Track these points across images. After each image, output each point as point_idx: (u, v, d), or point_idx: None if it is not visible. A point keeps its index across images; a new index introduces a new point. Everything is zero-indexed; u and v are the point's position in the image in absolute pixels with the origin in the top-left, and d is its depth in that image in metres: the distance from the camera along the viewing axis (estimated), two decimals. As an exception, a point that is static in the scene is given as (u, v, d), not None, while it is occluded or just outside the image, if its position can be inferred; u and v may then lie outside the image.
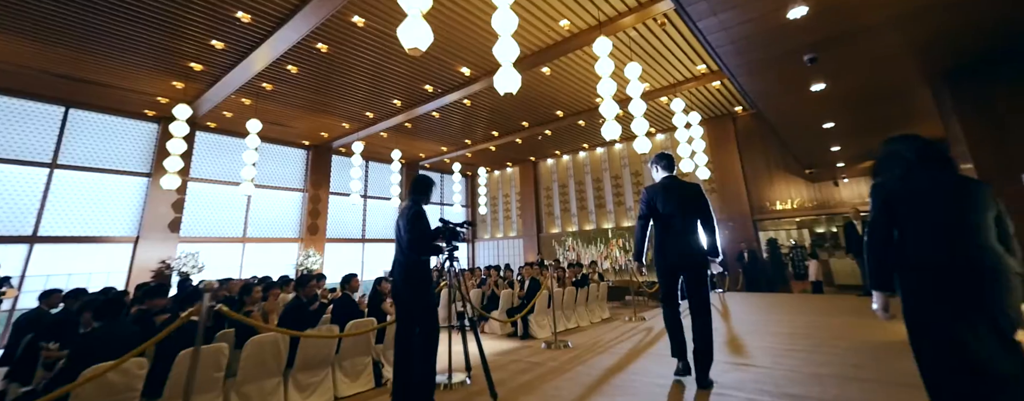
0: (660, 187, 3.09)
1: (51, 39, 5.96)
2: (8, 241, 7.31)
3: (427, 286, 2.73)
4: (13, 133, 7.55)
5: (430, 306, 2.73)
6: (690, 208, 3.00)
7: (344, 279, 4.06)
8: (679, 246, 2.95)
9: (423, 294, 2.69)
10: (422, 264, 2.74)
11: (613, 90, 5.61)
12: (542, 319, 6.47)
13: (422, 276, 2.72)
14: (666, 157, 3.19)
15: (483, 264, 15.74)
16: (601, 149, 13.10)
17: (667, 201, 2.99)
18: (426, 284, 2.73)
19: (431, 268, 2.85)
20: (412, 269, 2.70)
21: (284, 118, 9.45)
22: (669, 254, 2.97)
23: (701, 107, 9.87)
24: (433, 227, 2.76)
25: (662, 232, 3.03)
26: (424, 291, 2.70)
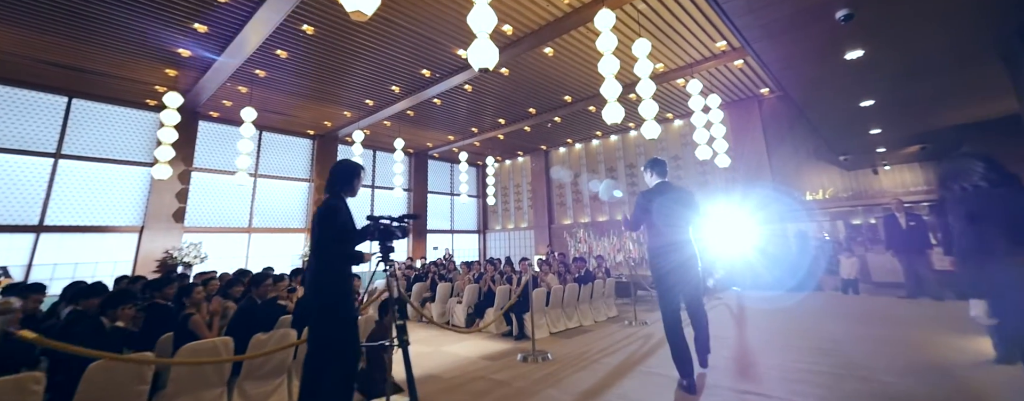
0: (655, 192, 3.13)
1: (45, 27, 5.85)
2: (14, 230, 7.42)
3: (343, 302, 2.17)
4: (17, 123, 7.61)
5: (346, 328, 2.18)
6: (685, 213, 3.06)
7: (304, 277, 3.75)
8: (675, 251, 2.99)
9: (336, 312, 2.14)
10: (336, 274, 2.20)
11: (615, 68, 5.04)
12: (538, 318, 6.05)
13: (336, 289, 2.17)
14: (659, 163, 3.26)
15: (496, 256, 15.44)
16: (615, 137, 12.42)
17: (662, 206, 3.04)
18: (341, 299, 2.17)
19: (351, 278, 2.35)
20: (323, 281, 2.17)
21: (285, 107, 9.26)
22: (666, 259, 3.00)
23: (722, 89, 9.07)
24: (363, 225, 2.33)
25: (657, 237, 3.07)
26: (339, 308, 2.15)
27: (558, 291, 6.37)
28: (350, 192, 2.48)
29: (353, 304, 2.18)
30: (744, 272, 8.65)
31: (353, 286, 2.25)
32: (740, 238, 9.31)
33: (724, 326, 4.68)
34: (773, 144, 9.43)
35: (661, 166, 3.23)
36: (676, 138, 11.18)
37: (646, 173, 3.31)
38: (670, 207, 3.08)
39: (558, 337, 5.93)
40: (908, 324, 4.32)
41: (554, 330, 6.22)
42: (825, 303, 6.34)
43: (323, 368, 2.09)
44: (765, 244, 8.86)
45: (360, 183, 2.55)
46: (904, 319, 4.54)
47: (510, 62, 7.42)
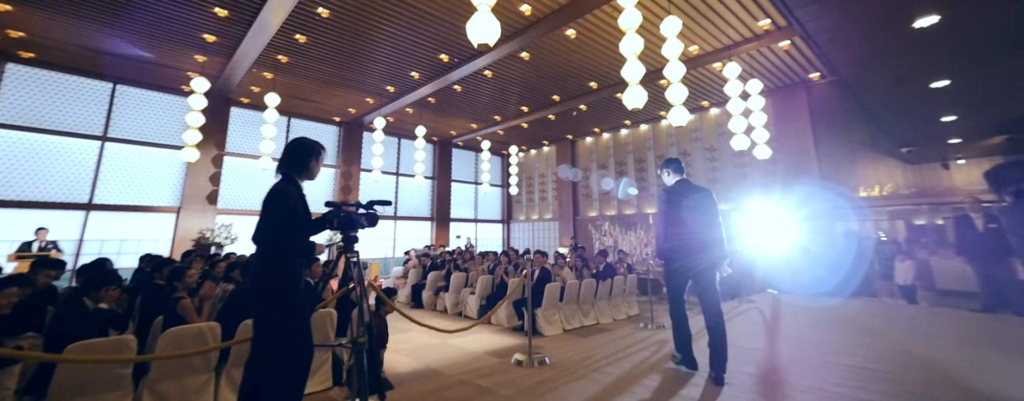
0: (674, 190, 3.18)
1: (89, 15, 6.11)
2: (68, 207, 7.97)
3: (287, 298, 1.90)
4: (68, 108, 8.12)
5: (292, 329, 1.91)
6: (702, 212, 3.07)
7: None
8: (690, 249, 3.03)
9: (280, 309, 1.89)
10: (279, 267, 1.91)
11: (638, 48, 4.60)
12: (551, 314, 5.80)
13: (279, 284, 1.89)
14: (675, 162, 3.30)
15: (520, 248, 15.25)
16: (645, 126, 11.78)
17: (681, 205, 3.08)
18: (285, 295, 1.89)
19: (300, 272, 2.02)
20: (265, 273, 1.90)
21: (310, 93, 9.37)
22: (680, 257, 3.05)
23: (764, 74, 8.28)
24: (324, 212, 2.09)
25: (674, 235, 3.10)
26: (282, 305, 1.89)
27: (573, 286, 6.08)
28: (305, 174, 2.23)
29: (300, 301, 1.95)
30: (783, 273, 7.97)
31: (302, 280, 2.01)
32: (780, 236, 8.58)
33: (753, 335, 4.23)
34: (822, 134, 8.56)
35: (678, 164, 3.27)
36: (711, 127, 10.43)
37: (663, 173, 3.38)
38: (689, 204, 3.11)
39: (572, 335, 5.66)
40: (982, 343, 3.67)
41: (568, 327, 5.96)
42: (877, 312, 5.67)
43: (265, 373, 1.85)
44: (809, 243, 8.10)
45: (320, 164, 2.31)
46: (977, 337, 3.88)
47: (530, 46, 7.07)
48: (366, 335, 2.03)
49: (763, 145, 7.13)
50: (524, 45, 6.97)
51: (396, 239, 12.74)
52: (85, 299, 2.54)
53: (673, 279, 3.09)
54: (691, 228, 3.01)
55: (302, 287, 1.93)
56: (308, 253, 1.95)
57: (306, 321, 1.97)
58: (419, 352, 4.79)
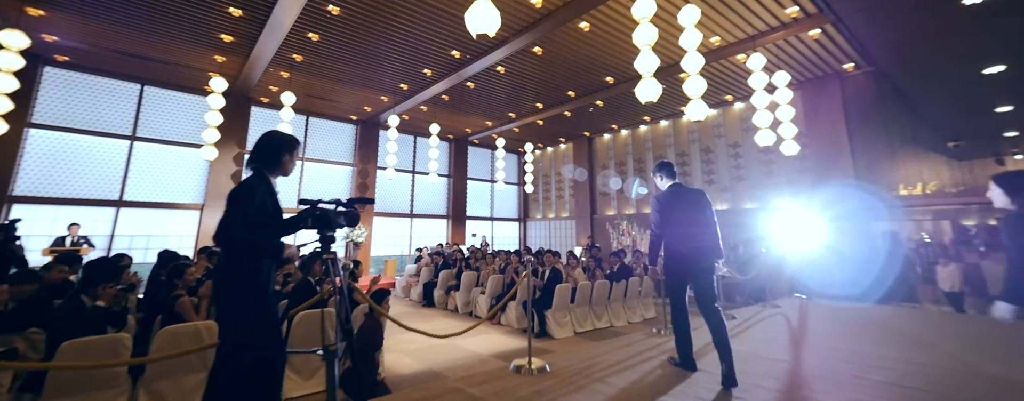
0: (668, 195, 3.19)
1: (116, 18, 6.31)
2: (99, 204, 8.32)
3: (254, 303, 1.77)
4: (99, 108, 8.46)
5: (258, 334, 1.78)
6: (697, 214, 3.09)
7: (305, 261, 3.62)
8: (688, 252, 3.04)
9: (246, 315, 1.75)
10: (245, 269, 1.79)
11: (652, 38, 4.36)
12: (562, 316, 5.64)
13: (244, 288, 1.77)
14: (667, 165, 3.31)
15: (534, 247, 15.09)
16: (665, 122, 11.38)
17: (676, 209, 3.12)
18: (251, 300, 1.77)
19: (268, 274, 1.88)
20: (229, 276, 1.80)
21: (326, 92, 9.47)
22: (678, 260, 3.08)
23: (792, 65, 7.81)
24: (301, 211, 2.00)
25: (671, 239, 3.13)
26: (248, 311, 1.75)
27: (585, 287, 5.89)
28: (278, 169, 2.09)
29: (269, 306, 1.82)
30: (813, 276, 7.51)
31: (270, 284, 1.86)
32: (810, 237, 8.10)
33: (777, 344, 3.94)
34: (856, 129, 8.01)
35: (670, 168, 3.30)
36: (735, 123, 9.97)
37: (656, 177, 3.35)
38: (684, 207, 3.13)
39: (583, 338, 5.48)
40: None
41: (580, 329, 5.78)
42: (918, 320, 5.23)
43: (232, 386, 1.71)
44: (841, 245, 7.61)
45: (293, 159, 2.15)
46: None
47: (543, 40, 6.88)
48: (346, 340, 1.92)
49: (790, 141, 6.71)
50: (536, 39, 6.79)
51: (412, 237, 12.80)
52: (83, 297, 2.55)
53: (673, 283, 3.13)
54: (688, 231, 3.05)
55: (270, 291, 1.82)
56: (276, 254, 1.84)
57: (276, 327, 1.84)
58: (424, 353, 4.72)
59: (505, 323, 6.14)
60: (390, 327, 5.96)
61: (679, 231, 3.07)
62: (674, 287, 3.13)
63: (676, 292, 3.11)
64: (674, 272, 3.11)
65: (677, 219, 3.09)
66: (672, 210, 3.11)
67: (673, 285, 3.13)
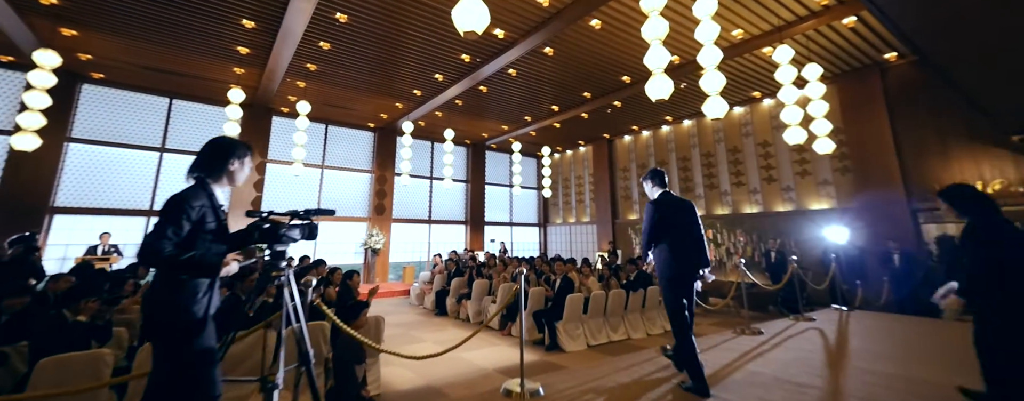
0: (662, 202, 3.19)
1: (141, 35, 6.58)
2: (131, 214, 8.70)
3: (184, 329, 1.58)
4: (131, 121, 8.88)
5: (189, 364, 1.59)
6: (688, 222, 3.15)
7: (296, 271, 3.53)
8: (687, 259, 3.07)
9: (176, 342, 1.58)
10: (174, 291, 1.59)
11: (662, 32, 4.06)
12: (574, 328, 5.36)
13: (174, 310, 1.57)
14: (658, 173, 3.32)
15: (556, 252, 14.78)
16: (688, 122, 10.88)
17: (671, 215, 3.13)
18: (182, 325, 1.58)
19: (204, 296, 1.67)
20: (158, 299, 1.60)
21: (342, 100, 9.59)
22: (681, 266, 3.06)
23: (825, 57, 7.26)
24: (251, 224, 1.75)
25: (671, 246, 3.09)
26: (178, 338, 1.58)
27: (599, 297, 5.58)
28: (224, 178, 1.85)
29: (204, 333, 1.63)
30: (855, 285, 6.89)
31: (207, 307, 1.67)
32: (849, 241, 7.46)
33: (808, 365, 3.51)
34: (902, 123, 7.34)
35: (661, 176, 3.29)
36: (764, 120, 9.38)
37: (647, 184, 3.34)
38: (678, 214, 3.14)
39: (597, 352, 5.18)
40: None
41: (594, 342, 5.48)
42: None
43: None
44: (887, 250, 6.95)
45: (242, 167, 1.91)
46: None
47: (553, 40, 6.67)
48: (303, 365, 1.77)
49: (825, 138, 6.18)
50: (547, 39, 6.59)
51: (430, 243, 12.77)
52: (65, 312, 2.53)
53: (674, 293, 3.05)
54: (682, 240, 3.08)
55: (205, 315, 1.67)
56: (211, 271, 1.61)
57: (210, 358, 1.64)
58: (426, 366, 4.55)
59: (516, 334, 5.90)
60: (395, 337, 5.87)
61: (675, 240, 3.07)
62: (675, 299, 3.03)
63: (678, 305, 3.02)
64: (676, 282, 3.03)
65: (673, 228, 3.09)
66: (668, 218, 3.11)
67: (675, 297, 3.03)
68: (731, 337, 4.41)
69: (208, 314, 1.67)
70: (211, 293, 1.67)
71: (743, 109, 9.75)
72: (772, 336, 4.48)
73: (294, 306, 1.79)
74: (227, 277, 1.79)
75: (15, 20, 6.01)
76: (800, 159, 8.78)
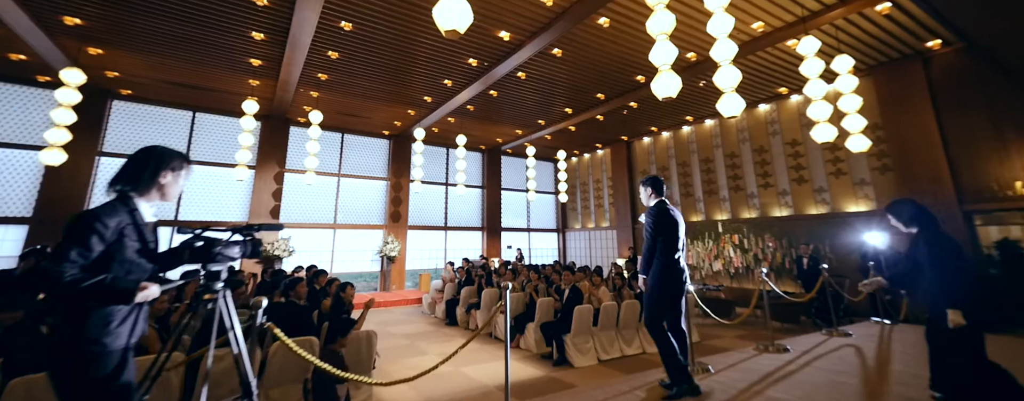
0: (662, 210, 3.15)
1: (150, 49, 6.82)
2: (159, 225, 8.99)
3: (92, 364, 1.41)
4: (158, 135, 9.23)
5: (93, 396, 1.42)
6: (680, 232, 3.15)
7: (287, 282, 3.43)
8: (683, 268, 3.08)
9: (86, 373, 1.41)
10: (81, 313, 1.41)
11: (669, 26, 3.79)
12: (583, 341, 5.07)
13: (82, 341, 1.40)
14: (656, 180, 3.28)
15: (575, 258, 14.44)
16: (710, 121, 10.38)
17: (671, 223, 3.10)
18: (90, 361, 1.41)
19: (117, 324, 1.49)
20: (63, 321, 1.42)
21: (355, 108, 9.67)
22: (679, 276, 3.04)
23: (858, 49, 6.72)
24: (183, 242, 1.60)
25: (670, 254, 3.04)
26: (87, 375, 1.41)
27: (610, 309, 5.28)
28: (148, 191, 1.66)
29: (119, 367, 1.47)
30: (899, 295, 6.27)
31: (122, 336, 1.50)
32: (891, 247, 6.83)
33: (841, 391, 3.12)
34: (949, 117, 6.69)
35: (658, 184, 3.26)
36: (793, 117, 8.81)
37: (644, 190, 3.29)
38: (676, 223, 3.12)
39: (608, 367, 4.87)
40: None
41: (605, 356, 5.17)
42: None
43: None
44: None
45: (176, 180, 1.74)
46: None
47: (561, 40, 6.45)
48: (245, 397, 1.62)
49: (859, 135, 5.66)
50: (554, 40, 6.38)
51: (447, 250, 12.70)
52: (42, 327, 2.50)
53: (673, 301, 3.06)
54: (680, 247, 3.09)
55: (124, 347, 1.50)
56: (124, 297, 1.40)
57: (125, 396, 1.47)
58: (426, 382, 4.37)
59: (524, 347, 5.67)
60: (400, 349, 5.74)
61: (677, 247, 3.06)
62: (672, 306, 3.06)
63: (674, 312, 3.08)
64: (675, 290, 3.03)
65: (674, 236, 3.07)
66: (669, 225, 3.08)
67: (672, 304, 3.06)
68: (753, 354, 4.02)
69: (129, 345, 1.53)
70: (131, 321, 1.53)
71: (769, 107, 9.21)
72: (801, 354, 4.05)
73: (234, 333, 1.64)
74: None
75: (45, 41, 6.31)
76: (833, 158, 8.17)
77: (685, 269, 3.11)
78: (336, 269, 10.86)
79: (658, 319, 2.99)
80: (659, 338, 2.97)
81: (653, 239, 3.06)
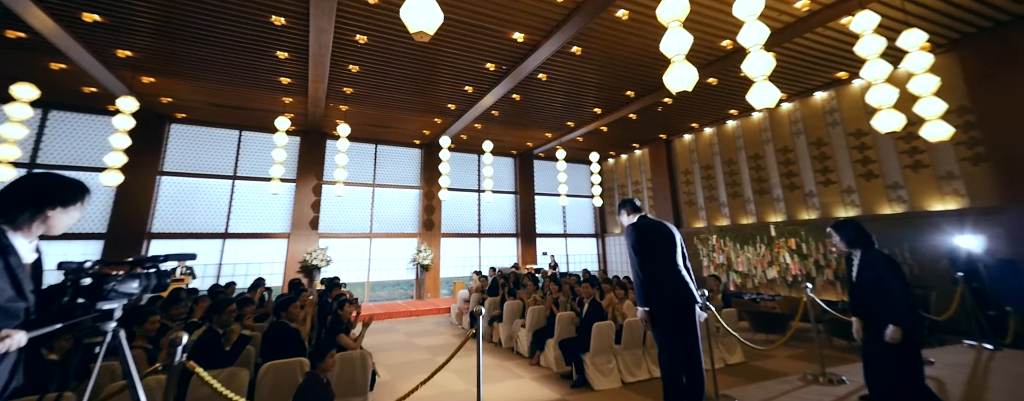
0: (641, 226, 3.04)
1: (192, 75, 7.33)
2: (209, 237, 9.69)
3: None
4: (208, 154, 9.95)
5: None
6: (672, 247, 2.97)
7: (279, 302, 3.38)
8: (675, 285, 2.87)
9: None
10: None
11: (680, 11, 3.34)
12: (605, 361, 4.65)
13: None
14: (628, 201, 3.25)
15: (616, 265, 13.80)
16: (758, 114, 9.43)
17: (653, 240, 2.97)
18: None
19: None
20: None
21: (384, 120, 9.84)
22: (667, 293, 2.85)
23: (934, 19, 5.72)
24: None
25: (656, 272, 2.87)
26: None
27: (634, 325, 4.81)
28: (28, 226, 1.45)
29: None
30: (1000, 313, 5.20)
31: None
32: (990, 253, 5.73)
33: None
34: (1061, 95, 5.49)
35: (633, 204, 3.22)
36: (857, 105, 7.74)
37: (621, 214, 3.24)
38: (660, 239, 2.97)
39: (634, 392, 4.42)
40: None
41: (631, 379, 4.72)
42: None
43: None
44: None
45: (65, 212, 1.52)
46: None
47: (579, 38, 6.09)
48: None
49: (937, 120, 4.75)
50: (571, 38, 6.03)
51: (481, 257, 12.59)
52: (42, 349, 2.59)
53: (663, 325, 2.82)
54: (667, 266, 2.87)
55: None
56: None
57: None
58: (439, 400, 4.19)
59: (544, 364, 5.33)
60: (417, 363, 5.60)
61: (662, 264, 2.85)
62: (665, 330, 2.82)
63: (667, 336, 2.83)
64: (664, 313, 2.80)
65: (659, 253, 2.87)
66: (651, 242, 2.90)
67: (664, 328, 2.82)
68: (797, 385, 3.41)
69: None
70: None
71: (826, 94, 8.17)
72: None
73: (132, 379, 1.51)
74: None
75: (106, 74, 6.96)
76: (909, 149, 7.05)
77: (686, 282, 2.83)
78: (373, 277, 11.11)
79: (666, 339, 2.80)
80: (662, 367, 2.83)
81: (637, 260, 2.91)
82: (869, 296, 2.76)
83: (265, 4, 5.27)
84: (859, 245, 2.88)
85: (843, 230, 2.96)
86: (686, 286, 2.85)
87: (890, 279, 2.63)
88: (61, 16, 5.50)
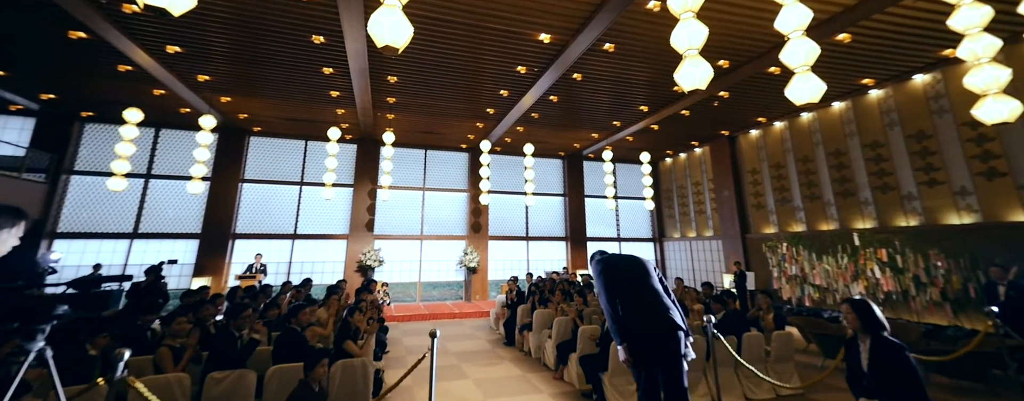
0: (604, 261, 3.00)
1: (259, 93, 8.17)
2: (280, 238, 10.75)
3: None
4: (279, 162, 11.04)
5: None
6: (645, 275, 2.90)
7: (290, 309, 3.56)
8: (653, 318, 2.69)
9: None
10: None
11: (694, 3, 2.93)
12: (625, 382, 4.30)
13: None
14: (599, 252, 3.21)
15: (675, 271, 12.90)
16: (839, 104, 8.14)
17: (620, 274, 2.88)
18: None
19: None
20: None
21: (428, 126, 10.15)
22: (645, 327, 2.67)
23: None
24: None
25: (629, 304, 2.75)
26: None
27: (663, 348, 4.36)
28: None
29: None
30: None
31: None
32: None
33: None
34: None
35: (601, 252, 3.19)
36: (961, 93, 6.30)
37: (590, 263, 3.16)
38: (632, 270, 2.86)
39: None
40: None
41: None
42: None
43: None
44: None
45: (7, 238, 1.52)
46: None
47: (610, 34, 5.72)
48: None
49: (1075, 107, 3.66)
50: (601, 35, 5.67)
51: (529, 260, 12.48)
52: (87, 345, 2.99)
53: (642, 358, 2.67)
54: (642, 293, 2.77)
55: None
56: None
57: None
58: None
59: (568, 379, 5.07)
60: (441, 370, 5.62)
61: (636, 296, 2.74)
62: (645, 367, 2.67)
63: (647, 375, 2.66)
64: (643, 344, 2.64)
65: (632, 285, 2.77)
66: (622, 274, 2.81)
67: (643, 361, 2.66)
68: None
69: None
70: None
71: (928, 77, 6.80)
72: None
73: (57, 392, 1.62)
74: None
75: (192, 95, 8.02)
76: None
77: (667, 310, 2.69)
78: (425, 278, 11.54)
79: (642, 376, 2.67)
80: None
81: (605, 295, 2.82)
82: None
83: (303, 25, 5.66)
84: (873, 331, 2.52)
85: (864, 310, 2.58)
86: (666, 315, 2.66)
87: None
88: (151, 50, 6.41)
